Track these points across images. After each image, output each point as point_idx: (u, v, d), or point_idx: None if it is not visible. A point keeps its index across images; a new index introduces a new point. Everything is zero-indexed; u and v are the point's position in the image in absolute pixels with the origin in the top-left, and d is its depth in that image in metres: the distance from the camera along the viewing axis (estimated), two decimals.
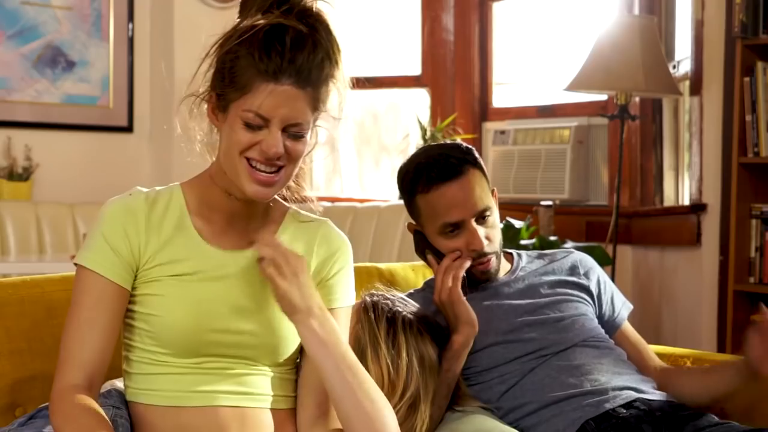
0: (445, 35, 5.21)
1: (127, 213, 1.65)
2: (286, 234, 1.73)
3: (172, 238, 1.66)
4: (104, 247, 1.62)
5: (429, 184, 2.04)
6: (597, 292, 2.21)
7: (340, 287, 1.75)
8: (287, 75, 1.57)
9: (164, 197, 1.69)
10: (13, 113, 5.01)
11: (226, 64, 1.62)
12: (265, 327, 1.66)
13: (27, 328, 1.86)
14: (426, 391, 1.89)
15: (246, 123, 1.58)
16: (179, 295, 1.63)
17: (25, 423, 1.71)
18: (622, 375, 2.05)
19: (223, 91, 1.62)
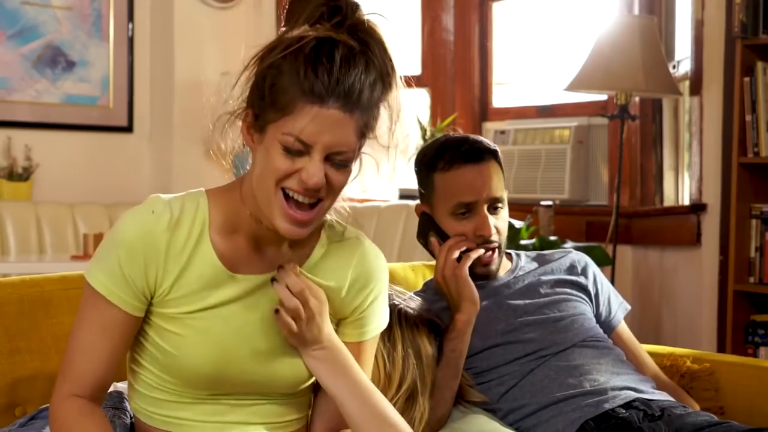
0: (445, 35, 5.21)
1: (148, 243, 1.49)
2: (319, 253, 1.59)
3: (190, 265, 1.51)
4: (119, 274, 1.49)
5: (451, 162, 2.06)
6: (594, 292, 2.22)
7: (375, 317, 1.64)
8: (334, 97, 1.42)
9: (188, 215, 1.52)
10: (13, 113, 5.01)
11: (267, 80, 1.45)
12: (284, 366, 1.57)
13: (26, 327, 1.86)
14: (423, 383, 1.89)
15: (285, 148, 1.43)
16: (197, 338, 1.52)
17: (25, 424, 1.71)
18: (621, 375, 2.05)
19: (261, 110, 1.46)
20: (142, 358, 1.57)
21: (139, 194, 5.27)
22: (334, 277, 1.60)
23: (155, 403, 1.58)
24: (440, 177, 2.08)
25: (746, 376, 2.24)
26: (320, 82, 1.41)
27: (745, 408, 2.20)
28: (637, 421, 1.92)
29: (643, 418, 1.93)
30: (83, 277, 1.53)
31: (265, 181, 1.46)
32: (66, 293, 1.91)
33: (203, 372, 1.53)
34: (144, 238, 1.49)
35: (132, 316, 1.51)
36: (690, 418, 1.92)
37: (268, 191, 1.46)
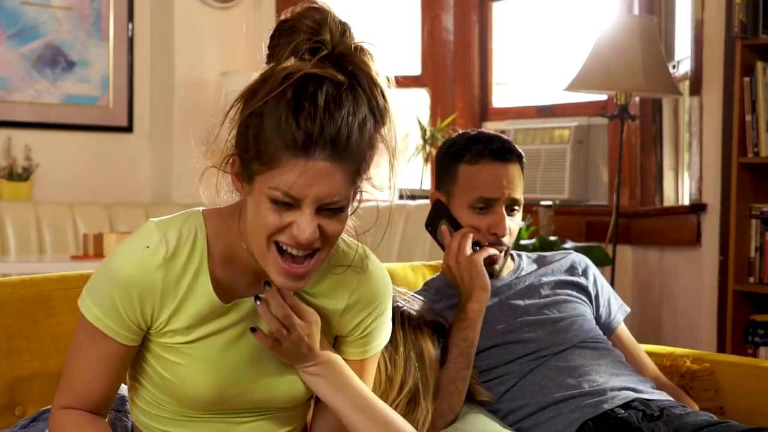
0: (445, 35, 5.21)
1: (143, 281, 1.44)
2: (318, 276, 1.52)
3: (187, 299, 1.47)
4: (113, 310, 1.45)
5: (480, 156, 2.07)
6: (595, 293, 2.22)
7: (378, 336, 1.61)
8: (320, 148, 1.32)
9: (186, 247, 1.46)
10: (13, 113, 5.01)
11: (250, 130, 1.37)
12: (283, 385, 1.55)
13: (26, 327, 1.86)
14: (426, 385, 1.88)
15: (273, 201, 1.35)
16: (195, 366, 1.49)
17: (27, 425, 1.71)
18: (620, 376, 2.05)
19: (247, 161, 1.38)
20: (141, 377, 1.56)
21: (139, 194, 5.28)
22: (332, 297, 1.55)
23: (154, 419, 1.57)
24: (465, 168, 2.08)
25: (746, 376, 2.24)
26: (303, 132, 1.32)
27: (745, 408, 2.20)
28: (636, 421, 1.92)
29: (642, 418, 1.93)
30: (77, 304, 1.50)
31: (257, 235, 1.40)
32: (66, 293, 1.91)
33: (202, 397, 1.51)
34: (139, 276, 1.44)
35: (128, 346, 1.49)
36: (689, 418, 1.92)
37: (261, 246, 1.40)
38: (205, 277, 1.47)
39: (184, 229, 1.47)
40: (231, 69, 5.15)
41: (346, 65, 1.39)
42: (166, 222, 1.48)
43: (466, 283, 2.02)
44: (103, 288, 1.46)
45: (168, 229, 1.46)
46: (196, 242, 1.47)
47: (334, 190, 1.36)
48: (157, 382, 1.52)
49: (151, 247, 1.44)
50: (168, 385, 1.52)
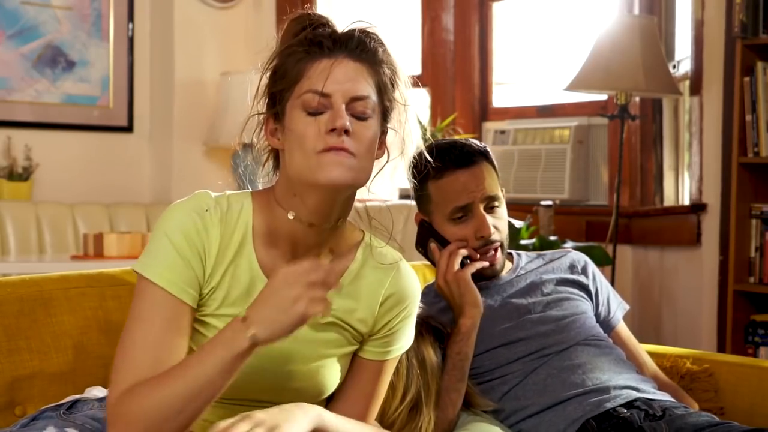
0: (445, 35, 5.21)
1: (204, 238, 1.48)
2: (354, 271, 1.58)
3: (234, 264, 1.51)
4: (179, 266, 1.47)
5: (442, 169, 2.06)
6: (594, 291, 2.23)
7: (402, 337, 1.64)
8: (340, 48, 1.46)
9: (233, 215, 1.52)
10: (13, 113, 5.01)
11: (276, 75, 1.49)
12: (309, 381, 1.57)
13: (26, 326, 1.86)
14: (428, 393, 1.88)
15: (306, 109, 1.45)
16: None
17: (27, 424, 1.71)
18: (623, 374, 2.05)
19: (276, 100, 1.49)
20: None
21: (139, 194, 5.28)
22: (366, 294, 1.59)
23: None
24: (434, 185, 2.08)
25: (746, 376, 2.24)
26: (323, 40, 1.46)
27: (745, 408, 2.20)
28: (638, 421, 1.92)
29: (645, 418, 1.93)
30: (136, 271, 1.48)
31: (298, 154, 1.46)
32: (66, 293, 1.91)
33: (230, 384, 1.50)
34: (200, 233, 1.48)
35: (191, 308, 1.48)
36: (691, 419, 1.92)
37: (303, 161, 1.45)
38: (250, 248, 1.51)
39: (233, 200, 1.53)
40: (231, 69, 5.15)
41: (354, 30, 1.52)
42: (218, 195, 1.54)
43: (457, 299, 2.02)
44: (164, 247, 1.47)
45: (219, 198, 1.53)
46: (242, 213, 1.52)
47: (358, 84, 1.46)
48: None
49: (210, 210, 1.50)
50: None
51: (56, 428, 1.66)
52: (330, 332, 1.59)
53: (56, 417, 1.70)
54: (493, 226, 2.07)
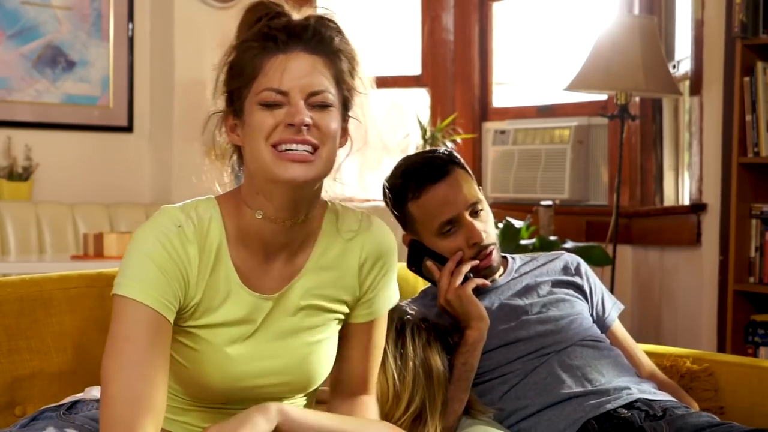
0: (445, 35, 5.21)
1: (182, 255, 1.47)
2: (321, 249, 1.58)
3: (212, 276, 1.50)
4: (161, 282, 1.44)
5: (419, 188, 2.05)
6: (589, 291, 2.23)
7: (384, 295, 1.64)
8: (294, 42, 1.45)
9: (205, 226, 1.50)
10: (13, 113, 5.01)
11: (234, 68, 1.49)
12: (294, 373, 1.57)
13: (26, 326, 1.86)
14: (433, 404, 1.87)
15: (264, 104, 1.44)
16: (213, 353, 1.51)
17: (27, 424, 1.71)
18: (622, 376, 2.05)
19: (234, 93, 1.49)
20: None
21: (139, 194, 5.28)
22: (341, 265, 1.59)
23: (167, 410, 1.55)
24: (414, 205, 2.07)
25: (746, 376, 2.24)
26: (278, 34, 1.45)
27: (745, 408, 2.20)
28: (638, 421, 1.92)
29: (645, 419, 1.93)
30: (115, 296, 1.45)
31: (257, 148, 1.45)
32: (66, 293, 1.91)
33: (216, 387, 1.53)
34: (178, 250, 1.46)
35: (170, 324, 1.46)
36: (691, 419, 1.92)
37: (262, 154, 1.44)
38: (227, 256, 1.51)
39: (200, 210, 1.52)
40: None
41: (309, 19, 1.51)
42: (183, 206, 1.52)
43: (462, 315, 2.02)
44: (143, 265, 1.44)
45: (188, 211, 1.51)
46: (213, 221, 1.51)
47: (315, 79, 1.45)
48: (171, 370, 1.51)
49: (182, 225, 1.48)
50: (182, 372, 1.52)
51: (56, 429, 1.66)
52: (312, 317, 1.58)
53: (56, 417, 1.70)
54: (482, 231, 2.06)
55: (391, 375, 1.84)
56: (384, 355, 1.85)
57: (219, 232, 1.51)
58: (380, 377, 1.84)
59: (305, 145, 1.44)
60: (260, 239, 1.52)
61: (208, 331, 1.51)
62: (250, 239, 1.52)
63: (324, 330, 1.60)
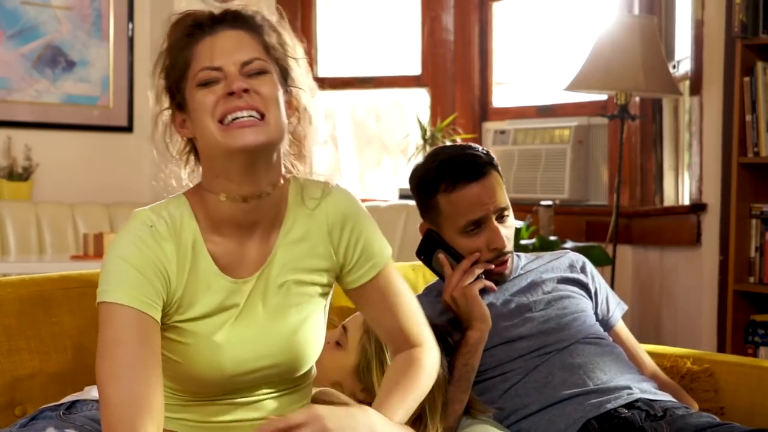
0: (445, 35, 5.21)
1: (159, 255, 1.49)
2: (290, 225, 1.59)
3: (192, 270, 1.52)
4: (143, 283, 1.46)
5: (454, 183, 2.04)
6: (594, 290, 2.23)
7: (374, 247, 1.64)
8: (219, 23, 1.51)
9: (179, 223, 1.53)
10: (13, 113, 5.01)
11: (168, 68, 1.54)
12: (284, 353, 1.58)
13: (26, 326, 1.86)
14: (433, 406, 1.86)
15: (202, 84, 1.48)
16: (200, 344, 1.52)
17: (27, 424, 1.71)
18: (624, 375, 2.05)
19: (174, 89, 1.53)
20: None
21: (139, 194, 5.27)
22: (311, 236, 1.60)
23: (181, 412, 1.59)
24: (444, 198, 2.06)
25: (746, 376, 2.24)
26: (202, 20, 1.51)
27: (745, 408, 2.20)
28: (639, 421, 1.92)
29: (645, 418, 1.93)
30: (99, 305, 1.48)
31: (206, 126, 1.48)
32: (66, 293, 1.91)
33: (209, 377, 1.53)
34: (155, 251, 1.49)
35: (157, 321, 1.47)
36: (692, 419, 1.92)
37: (212, 132, 1.47)
38: (203, 248, 1.53)
39: (171, 207, 1.55)
40: None
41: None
42: (154, 207, 1.55)
43: (465, 314, 2.02)
44: (122, 270, 1.47)
45: (159, 210, 1.54)
46: (184, 217, 1.53)
47: (245, 49, 1.49)
48: (165, 367, 1.51)
49: (154, 225, 1.51)
50: (175, 368, 1.53)
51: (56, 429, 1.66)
52: (293, 293, 1.59)
53: (56, 417, 1.70)
54: (505, 237, 2.07)
55: None
56: (383, 357, 1.85)
57: (192, 226, 1.53)
58: (379, 378, 1.84)
59: (250, 110, 1.47)
60: (231, 222, 1.54)
61: (193, 323, 1.52)
62: (222, 225, 1.54)
63: (307, 305, 1.61)
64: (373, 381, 1.86)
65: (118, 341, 1.44)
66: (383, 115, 5.63)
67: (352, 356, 1.90)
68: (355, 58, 5.47)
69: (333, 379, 1.89)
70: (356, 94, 5.47)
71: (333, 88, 5.35)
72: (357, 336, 1.91)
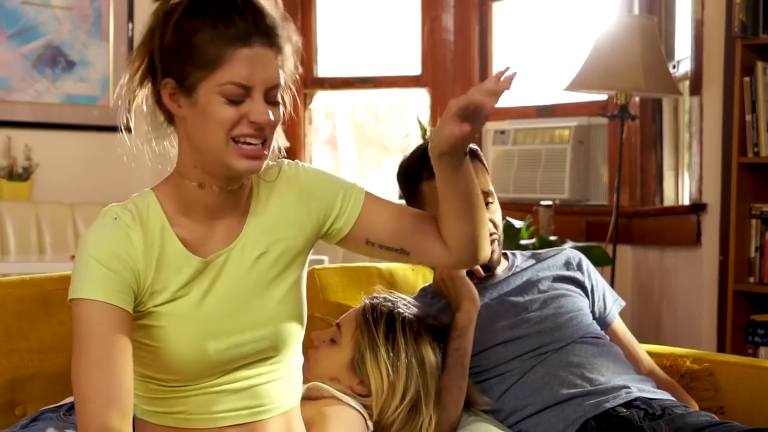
0: (445, 35, 5.21)
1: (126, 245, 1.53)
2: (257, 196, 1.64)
3: (160, 256, 1.55)
4: (110, 278, 1.50)
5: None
6: (590, 287, 2.23)
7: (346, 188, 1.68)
8: (256, 36, 1.48)
9: (144, 213, 1.58)
10: (13, 113, 5.01)
11: (181, 45, 1.49)
12: (265, 324, 1.60)
13: (26, 327, 1.86)
14: (427, 393, 1.89)
15: (227, 98, 1.48)
16: (177, 324, 1.55)
17: (27, 425, 1.71)
18: (622, 374, 2.05)
19: (184, 73, 1.50)
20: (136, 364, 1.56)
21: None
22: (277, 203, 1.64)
23: (154, 402, 1.60)
24: (427, 185, 2.07)
25: (746, 376, 2.24)
26: (240, 27, 1.47)
27: (745, 408, 2.20)
28: (637, 420, 1.92)
29: (644, 417, 1.93)
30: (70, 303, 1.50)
31: (213, 137, 1.50)
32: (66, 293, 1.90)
33: (192, 355, 1.55)
34: (121, 242, 1.52)
35: (128, 312, 1.50)
36: (691, 418, 1.92)
37: (219, 145, 1.50)
38: (171, 233, 1.56)
39: (137, 200, 1.60)
40: None
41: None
42: (120, 204, 1.61)
43: (454, 296, 2.03)
44: (91, 266, 1.50)
45: (125, 204, 1.60)
46: (151, 207, 1.58)
47: (274, 73, 1.50)
48: (143, 357, 1.55)
49: (119, 218, 1.55)
50: (159, 355, 1.55)
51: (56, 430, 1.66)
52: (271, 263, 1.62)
53: (56, 418, 1.70)
54: (489, 220, 2.07)
55: (385, 367, 1.86)
56: (376, 348, 1.87)
57: (158, 215, 1.57)
58: (374, 370, 1.86)
59: (260, 138, 1.51)
60: (203, 206, 1.58)
61: (169, 305, 1.55)
62: (193, 208, 1.58)
63: (285, 275, 1.64)
64: (368, 373, 1.88)
65: (89, 335, 1.47)
66: (383, 115, 5.63)
67: (346, 351, 1.92)
68: (355, 58, 5.47)
69: (330, 375, 1.91)
70: (356, 95, 5.47)
71: (333, 88, 5.36)
72: (350, 330, 1.93)
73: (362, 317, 1.93)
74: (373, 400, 1.87)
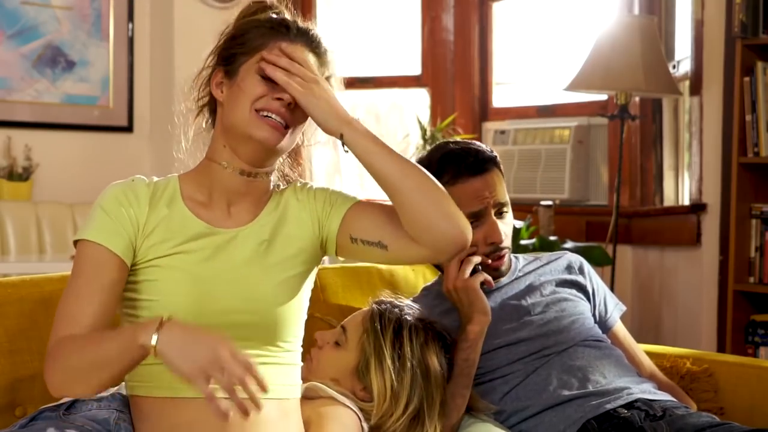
0: (445, 35, 5.21)
1: (129, 192, 1.68)
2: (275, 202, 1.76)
3: (167, 215, 1.68)
4: (110, 222, 1.64)
5: (457, 176, 2.07)
6: (591, 291, 2.23)
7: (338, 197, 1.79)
8: (300, 36, 1.67)
9: (160, 185, 1.72)
10: (13, 113, 5.01)
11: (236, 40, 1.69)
12: (261, 303, 1.66)
13: (26, 327, 1.86)
14: (431, 404, 1.87)
15: (262, 75, 1.64)
16: (176, 277, 1.64)
17: (26, 425, 1.71)
18: (623, 377, 2.06)
19: (231, 60, 1.68)
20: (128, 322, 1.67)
21: None
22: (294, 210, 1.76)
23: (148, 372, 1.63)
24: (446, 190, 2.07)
25: (746, 376, 2.24)
26: (287, 25, 1.68)
27: (745, 408, 2.20)
28: (638, 421, 1.92)
29: (645, 418, 1.93)
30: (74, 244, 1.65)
31: (241, 108, 1.64)
32: None
33: (187, 310, 1.60)
34: (125, 190, 1.68)
35: (122, 260, 1.63)
36: (691, 419, 1.92)
37: (244, 115, 1.64)
38: (180, 203, 1.70)
39: (160, 179, 1.75)
40: None
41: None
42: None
43: (466, 307, 2.03)
44: (96, 215, 1.67)
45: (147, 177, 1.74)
46: (170, 183, 1.73)
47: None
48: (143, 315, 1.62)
49: (135, 180, 1.72)
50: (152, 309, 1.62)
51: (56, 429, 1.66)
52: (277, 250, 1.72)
53: (56, 418, 1.70)
54: (503, 232, 2.07)
55: (389, 375, 1.85)
56: (382, 356, 1.86)
57: (173, 187, 1.71)
58: (378, 377, 1.85)
59: (282, 117, 1.64)
60: (223, 189, 1.70)
61: (169, 258, 1.65)
62: (213, 192, 1.71)
63: (292, 265, 1.71)
64: (372, 381, 1.87)
65: (79, 271, 1.63)
66: (383, 115, 5.63)
67: (351, 355, 1.91)
68: (355, 58, 5.47)
69: (332, 378, 1.90)
70: (356, 94, 5.47)
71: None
72: (356, 335, 1.91)
73: (369, 323, 1.92)
74: (374, 407, 1.86)
